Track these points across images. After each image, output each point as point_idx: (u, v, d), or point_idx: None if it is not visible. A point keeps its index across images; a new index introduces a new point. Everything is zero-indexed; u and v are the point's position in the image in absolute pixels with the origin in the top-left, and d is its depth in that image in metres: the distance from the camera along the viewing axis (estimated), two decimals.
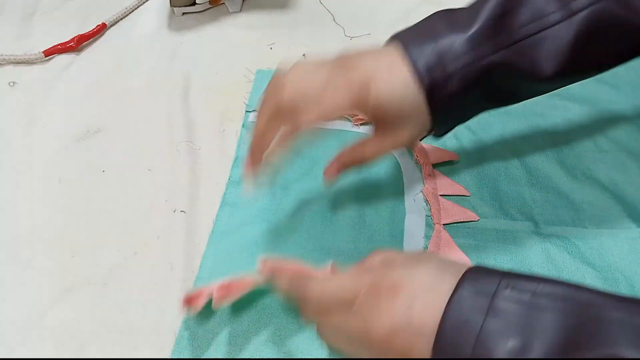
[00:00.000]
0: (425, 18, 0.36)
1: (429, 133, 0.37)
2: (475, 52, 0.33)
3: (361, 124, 0.51)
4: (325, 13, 0.65)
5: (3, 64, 0.58)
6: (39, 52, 0.58)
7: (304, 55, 0.59)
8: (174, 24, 0.63)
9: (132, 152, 0.50)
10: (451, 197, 0.45)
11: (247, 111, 0.53)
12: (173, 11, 0.64)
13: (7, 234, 0.44)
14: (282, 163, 0.37)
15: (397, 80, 0.33)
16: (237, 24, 0.63)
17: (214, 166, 0.48)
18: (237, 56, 0.59)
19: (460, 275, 0.28)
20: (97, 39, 0.62)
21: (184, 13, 0.64)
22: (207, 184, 0.47)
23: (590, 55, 0.35)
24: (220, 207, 0.45)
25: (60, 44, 0.59)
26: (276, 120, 0.35)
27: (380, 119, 0.35)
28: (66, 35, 0.60)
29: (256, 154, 0.36)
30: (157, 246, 0.43)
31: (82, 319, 0.39)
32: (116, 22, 0.64)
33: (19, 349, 0.38)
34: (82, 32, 0.60)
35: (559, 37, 0.33)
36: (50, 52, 0.59)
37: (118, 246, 0.43)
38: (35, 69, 0.58)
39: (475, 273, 0.28)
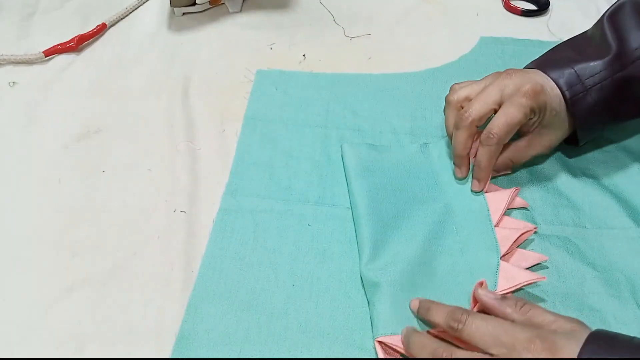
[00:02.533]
0: (552, 50, 0.47)
1: (569, 143, 0.47)
2: (607, 70, 0.42)
3: None
4: (325, 13, 0.65)
5: (3, 64, 0.58)
6: (39, 52, 0.58)
7: (304, 55, 0.59)
8: (174, 24, 0.63)
9: (132, 152, 0.50)
10: None
11: (246, 115, 0.52)
12: (173, 11, 0.64)
13: (7, 234, 0.44)
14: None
15: (553, 92, 0.42)
16: (237, 24, 0.63)
17: (214, 166, 0.48)
18: (237, 56, 0.59)
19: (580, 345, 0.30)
20: (97, 39, 0.62)
21: (184, 13, 0.64)
22: (207, 184, 0.47)
23: None
24: (219, 209, 0.45)
25: (60, 44, 0.59)
26: (471, 136, 0.43)
27: (540, 124, 0.43)
28: (66, 35, 0.60)
29: (464, 166, 0.45)
30: (157, 246, 0.43)
31: (82, 319, 0.39)
32: (116, 22, 0.64)
33: (19, 349, 0.37)
34: (82, 32, 0.60)
35: None
36: (50, 52, 0.59)
37: (118, 246, 0.43)
38: (35, 69, 0.58)
39: (596, 345, 0.30)
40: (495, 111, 0.42)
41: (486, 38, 0.61)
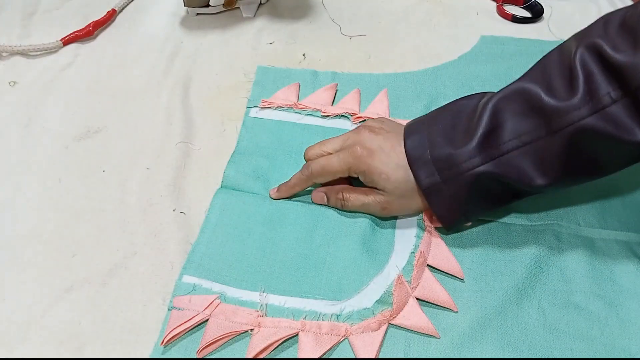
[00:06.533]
0: (432, 117, 0.41)
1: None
2: (468, 163, 0.37)
3: (360, 122, 0.51)
4: (325, 12, 0.65)
5: (7, 58, 0.58)
6: (57, 41, 0.59)
7: (303, 55, 0.59)
8: (174, 24, 0.63)
9: (132, 151, 0.50)
10: None
11: (248, 107, 0.53)
12: (187, 11, 0.64)
13: (7, 234, 0.44)
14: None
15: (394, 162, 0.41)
16: (237, 24, 0.63)
17: (213, 166, 0.48)
18: (237, 56, 0.59)
19: None
20: (96, 38, 0.62)
21: (197, 14, 0.64)
22: (206, 183, 0.47)
23: (582, 165, 0.37)
24: (215, 196, 0.45)
25: (77, 31, 0.61)
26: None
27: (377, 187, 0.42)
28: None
29: (282, 193, 0.46)
30: (156, 246, 0.43)
31: (82, 318, 0.39)
32: (123, 8, 0.65)
33: (19, 349, 0.38)
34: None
35: (543, 150, 0.36)
36: (68, 41, 0.60)
37: (118, 246, 0.43)
38: (36, 68, 0.58)
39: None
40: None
41: (487, 37, 0.61)
